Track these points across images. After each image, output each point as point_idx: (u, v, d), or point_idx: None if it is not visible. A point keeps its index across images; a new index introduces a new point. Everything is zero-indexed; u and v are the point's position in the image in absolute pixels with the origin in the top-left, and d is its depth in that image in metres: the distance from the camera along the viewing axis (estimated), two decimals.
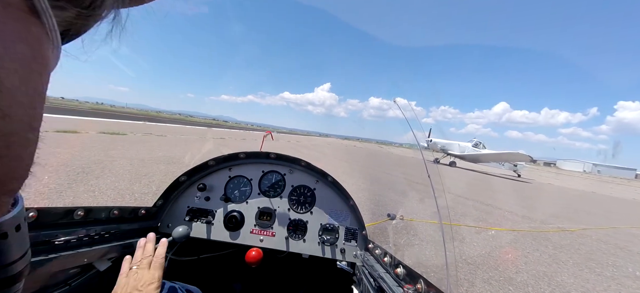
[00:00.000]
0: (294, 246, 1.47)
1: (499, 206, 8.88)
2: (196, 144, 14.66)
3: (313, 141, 45.71)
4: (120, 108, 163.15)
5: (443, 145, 32.58)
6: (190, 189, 1.51)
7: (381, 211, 5.83)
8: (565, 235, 6.40)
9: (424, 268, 3.49)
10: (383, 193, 8.06)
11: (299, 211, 1.52)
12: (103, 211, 1.12)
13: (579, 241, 5.93)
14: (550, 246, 5.29)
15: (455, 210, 7.21)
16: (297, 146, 25.60)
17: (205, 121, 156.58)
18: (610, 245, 5.96)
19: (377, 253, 1.32)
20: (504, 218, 7.24)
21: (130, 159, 7.69)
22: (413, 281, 0.98)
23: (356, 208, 1.49)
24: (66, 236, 0.93)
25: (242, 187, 1.54)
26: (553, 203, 12.79)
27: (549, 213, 9.00)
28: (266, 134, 5.77)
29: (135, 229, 1.26)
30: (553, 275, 3.93)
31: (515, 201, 10.94)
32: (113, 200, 4.39)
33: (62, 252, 0.90)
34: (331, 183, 1.54)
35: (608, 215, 10.79)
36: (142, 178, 5.79)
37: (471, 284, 3.34)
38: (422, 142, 1.58)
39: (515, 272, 3.83)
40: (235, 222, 1.44)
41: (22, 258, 0.41)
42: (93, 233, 1.04)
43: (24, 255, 0.42)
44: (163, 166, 7.34)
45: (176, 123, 42.83)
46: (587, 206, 12.91)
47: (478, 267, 3.80)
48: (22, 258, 0.41)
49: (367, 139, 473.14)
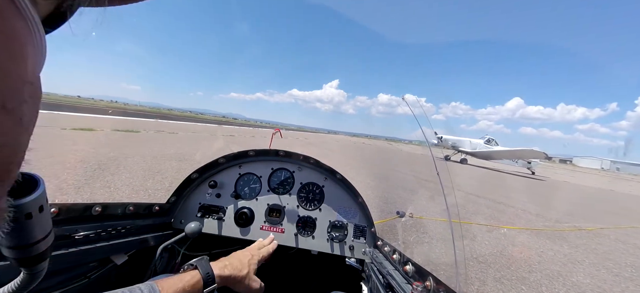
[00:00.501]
0: (303, 243, 1.48)
1: (511, 204, 8.69)
2: (206, 142, 14.90)
3: (321, 138, 45.72)
4: (134, 106, 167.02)
5: (454, 142, 32.01)
6: (202, 186, 1.54)
7: (390, 209, 5.80)
8: (581, 234, 6.21)
9: (433, 266, 3.46)
10: (392, 191, 8.00)
11: (308, 208, 1.53)
12: (119, 207, 1.16)
13: (596, 241, 5.75)
14: (566, 245, 5.15)
15: (466, 208, 7.10)
16: (306, 143, 25.66)
17: (215, 118, 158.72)
18: (629, 245, 5.76)
19: (386, 251, 1.32)
20: (516, 216, 7.08)
21: (143, 156, 7.88)
22: (422, 278, 0.98)
23: (365, 205, 1.50)
24: (85, 231, 0.97)
25: (251, 184, 1.57)
26: (568, 201, 12.41)
27: (564, 212, 8.75)
28: (275, 131, 5.81)
29: (149, 225, 1.30)
30: (568, 275, 3.83)
31: (529, 199, 10.67)
32: (128, 195, 4.52)
33: (81, 246, 0.94)
34: (340, 181, 1.54)
35: (627, 214, 10.40)
36: (155, 175, 5.93)
37: (482, 283, 3.30)
38: (431, 139, 1.57)
39: (528, 271, 3.75)
40: (245, 218, 1.47)
41: (45, 238, 0.44)
42: (110, 229, 1.08)
43: (48, 235, 0.44)
44: (175, 163, 7.50)
45: (187, 120, 43.58)
46: (605, 204, 12.49)
47: (489, 266, 3.74)
48: (45, 238, 0.44)
49: (376, 136, 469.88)
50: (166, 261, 1.37)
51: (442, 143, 30.33)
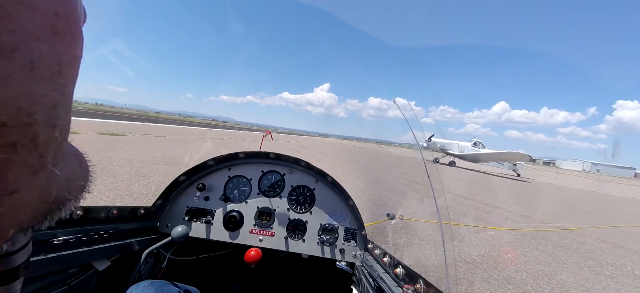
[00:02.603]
0: (293, 246, 1.47)
1: (498, 205, 8.89)
2: (195, 145, 14.64)
3: (312, 141, 45.70)
4: (120, 109, 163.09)
5: (442, 145, 32.60)
6: (190, 189, 1.51)
7: (380, 211, 5.83)
8: (565, 234, 6.41)
9: (423, 268, 3.49)
10: (382, 193, 8.06)
11: (299, 211, 1.52)
12: (102, 210, 1.12)
13: (578, 240, 5.94)
14: (550, 245, 5.30)
15: (454, 209, 7.22)
16: (297, 146, 25.58)
17: (204, 121, 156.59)
18: (609, 244, 5.97)
19: (376, 253, 1.32)
20: (503, 217, 7.24)
21: (129, 160, 7.67)
22: (412, 281, 0.98)
23: (355, 208, 1.49)
24: (65, 235, 0.93)
25: (241, 187, 1.54)
26: (552, 202, 12.80)
27: (549, 213, 9.01)
28: (266, 134, 5.76)
29: (134, 229, 1.26)
30: (552, 274, 3.93)
31: (515, 200, 10.95)
32: (112, 200, 4.38)
33: (61, 251, 0.90)
34: (331, 183, 1.54)
35: (607, 214, 10.80)
36: (141, 179, 5.78)
37: (470, 283, 3.34)
38: (421, 142, 1.58)
39: (515, 271, 3.84)
40: (234, 222, 1.44)
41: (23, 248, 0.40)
42: (92, 233, 1.04)
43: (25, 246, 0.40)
44: (162, 167, 7.33)
45: (175, 123, 42.79)
46: (587, 205, 12.93)
47: (477, 266, 3.80)
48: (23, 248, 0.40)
49: (367, 139, 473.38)
50: (151, 266, 1.33)
51: (431, 145, 30.86)
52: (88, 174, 0.29)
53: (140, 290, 0.89)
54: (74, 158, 0.28)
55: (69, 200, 0.25)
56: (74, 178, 0.27)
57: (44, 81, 0.16)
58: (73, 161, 0.27)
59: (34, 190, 0.19)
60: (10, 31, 0.14)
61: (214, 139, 21.32)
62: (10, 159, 0.15)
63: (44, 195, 0.21)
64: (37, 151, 0.17)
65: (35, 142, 0.17)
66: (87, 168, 0.30)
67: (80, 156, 0.30)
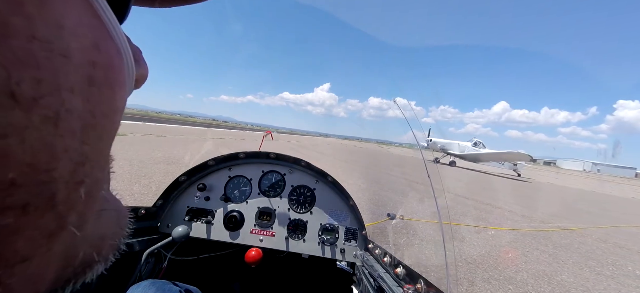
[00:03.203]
0: (293, 246, 1.47)
1: (498, 205, 8.88)
2: (196, 144, 14.65)
3: (313, 141, 45.71)
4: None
5: (443, 145, 32.59)
6: (190, 189, 1.51)
7: (381, 211, 5.83)
8: (565, 234, 6.40)
9: (424, 268, 3.49)
10: (383, 193, 8.05)
11: (299, 211, 1.52)
12: None
13: (579, 241, 5.93)
14: (550, 245, 5.29)
15: (455, 209, 7.21)
16: (297, 146, 25.59)
17: (204, 121, 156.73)
18: (610, 244, 5.97)
19: (377, 253, 1.32)
20: (503, 217, 7.24)
21: (129, 159, 7.68)
22: (413, 281, 0.98)
23: (356, 208, 1.49)
24: None
25: (242, 187, 1.54)
26: (553, 202, 12.79)
27: (549, 213, 9.00)
28: (266, 134, 5.77)
29: (135, 229, 1.26)
30: (553, 274, 3.93)
31: (515, 200, 10.94)
32: None
33: None
34: (331, 183, 1.54)
35: (608, 214, 10.79)
36: (141, 179, 5.78)
37: (471, 283, 3.34)
38: (421, 142, 1.58)
39: (515, 271, 3.83)
40: (235, 222, 1.44)
41: None
42: None
43: None
44: (162, 166, 7.33)
45: (176, 123, 42.82)
46: (587, 205, 12.92)
47: (478, 266, 3.80)
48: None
49: (367, 139, 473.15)
50: (152, 266, 1.33)
51: (431, 145, 30.86)
52: (124, 230, 0.27)
53: (141, 290, 0.89)
54: (112, 214, 0.24)
55: (98, 262, 0.22)
56: (107, 236, 0.23)
57: (73, 135, 0.14)
58: (110, 217, 0.24)
59: (51, 255, 0.16)
60: (33, 80, 0.12)
61: (214, 139, 21.33)
62: (19, 223, 0.13)
63: (66, 259, 0.18)
64: (53, 212, 0.15)
65: (52, 202, 0.14)
66: (124, 224, 0.27)
67: (121, 211, 0.27)
